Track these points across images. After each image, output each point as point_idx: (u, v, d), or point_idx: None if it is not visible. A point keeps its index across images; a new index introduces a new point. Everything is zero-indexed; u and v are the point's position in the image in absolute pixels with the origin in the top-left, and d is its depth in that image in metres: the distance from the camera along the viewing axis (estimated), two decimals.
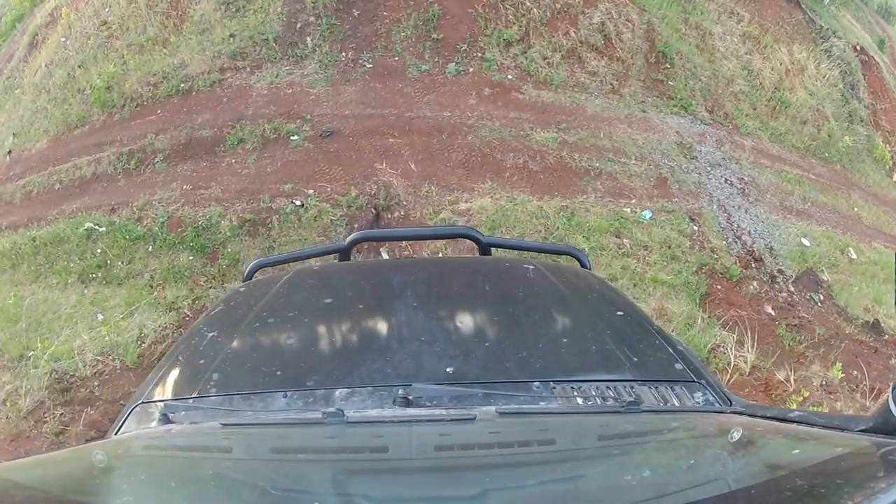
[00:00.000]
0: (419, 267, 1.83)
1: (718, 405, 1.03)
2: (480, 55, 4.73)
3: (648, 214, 4.48)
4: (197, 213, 4.23)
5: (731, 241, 4.65)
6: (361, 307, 1.40)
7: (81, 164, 4.93)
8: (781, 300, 4.41)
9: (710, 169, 5.01)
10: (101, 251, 4.19)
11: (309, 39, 4.78)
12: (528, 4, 4.88)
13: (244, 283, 1.75)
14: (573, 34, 4.87)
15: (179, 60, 4.98)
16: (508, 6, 4.90)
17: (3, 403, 3.09)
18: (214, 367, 1.15)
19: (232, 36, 4.89)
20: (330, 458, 0.91)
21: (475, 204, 4.02)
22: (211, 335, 1.28)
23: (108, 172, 4.79)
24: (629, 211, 4.44)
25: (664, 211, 4.54)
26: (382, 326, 1.31)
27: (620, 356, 1.15)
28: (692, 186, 4.81)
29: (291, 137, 4.38)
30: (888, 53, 7.72)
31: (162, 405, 1.03)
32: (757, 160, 5.36)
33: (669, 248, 4.31)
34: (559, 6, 4.94)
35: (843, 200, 5.73)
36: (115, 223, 4.28)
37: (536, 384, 1.06)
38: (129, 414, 1.09)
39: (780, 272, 4.65)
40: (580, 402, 1.02)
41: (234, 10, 5.00)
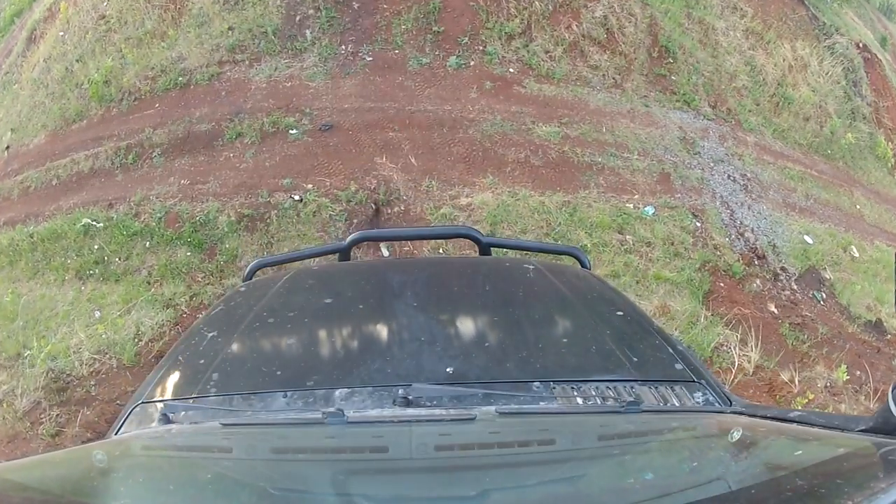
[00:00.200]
0: (419, 267, 1.80)
1: (718, 405, 1.02)
2: (482, 48, 4.61)
3: (651, 210, 4.38)
4: (195, 208, 4.13)
5: (733, 238, 4.56)
6: (361, 307, 1.38)
7: (79, 159, 4.83)
8: (784, 298, 4.32)
9: (712, 165, 4.91)
10: (98, 247, 4.10)
11: (308, 32, 4.66)
12: None
13: (244, 283, 1.72)
14: (575, 28, 4.76)
15: (177, 54, 4.87)
16: None
17: None
18: (214, 367, 1.14)
19: (230, 29, 4.78)
20: (330, 458, 0.89)
21: (476, 199, 3.91)
22: (211, 335, 1.26)
23: (105, 167, 4.69)
24: (632, 207, 4.33)
25: (667, 207, 4.43)
26: (382, 326, 1.29)
27: (620, 356, 1.13)
28: (695, 182, 4.70)
29: (290, 131, 4.27)
30: (890, 51, 7.60)
31: (162, 405, 1.02)
32: (760, 156, 5.25)
33: (672, 244, 4.21)
34: None
35: (845, 198, 5.64)
36: (112, 219, 4.18)
37: (536, 384, 1.04)
38: (128, 414, 1.07)
39: (782, 270, 4.56)
40: (580, 402, 1.01)
41: (232, 2, 4.88)
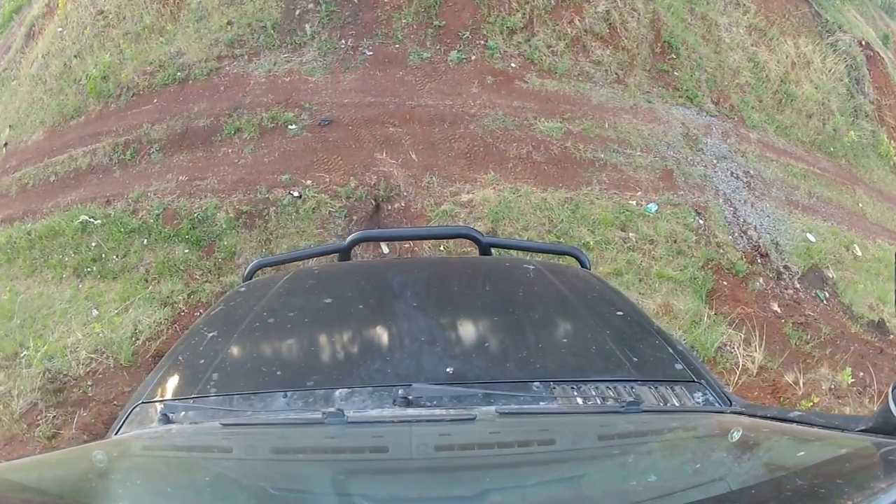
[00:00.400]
0: (419, 267, 1.77)
1: (718, 405, 1.01)
2: (483, 43, 4.49)
3: (654, 207, 4.27)
4: (193, 204, 4.03)
5: (737, 235, 4.46)
6: (361, 307, 1.36)
7: (77, 155, 4.73)
8: (787, 297, 4.23)
9: (715, 162, 4.80)
10: (96, 244, 4.00)
11: (308, 27, 4.55)
12: None
13: (244, 283, 1.70)
14: (577, 22, 4.64)
15: (176, 49, 4.76)
16: None
17: None
18: (214, 367, 1.12)
19: (230, 23, 4.67)
20: (330, 458, 0.88)
21: (478, 195, 3.81)
22: (211, 335, 1.24)
23: (103, 164, 4.58)
24: (635, 204, 4.23)
25: (670, 204, 4.33)
26: (382, 326, 1.27)
27: (620, 356, 1.12)
28: (698, 179, 4.60)
29: (289, 126, 4.16)
30: (892, 49, 7.48)
31: (162, 405, 1.01)
32: (763, 153, 5.14)
33: (675, 242, 4.11)
34: None
35: (847, 196, 5.53)
36: (110, 216, 4.09)
37: (536, 384, 1.03)
38: (128, 414, 1.06)
39: (785, 268, 4.46)
40: (580, 402, 1.00)
41: None
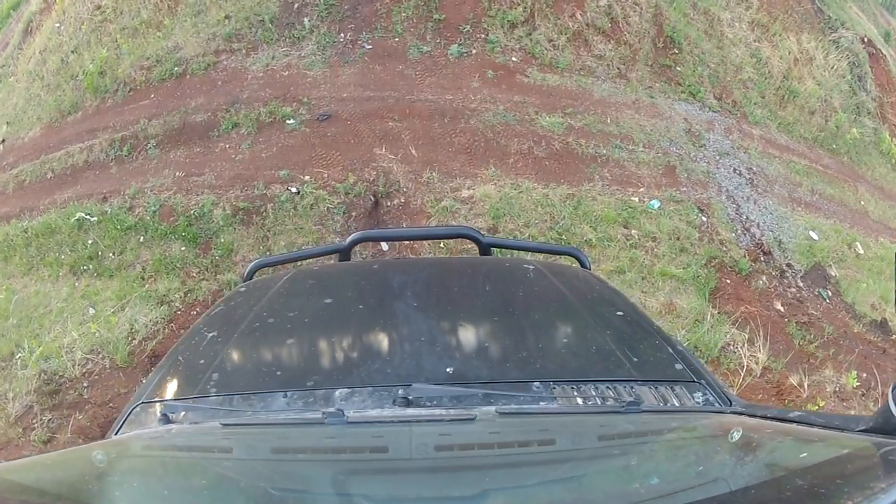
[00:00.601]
0: (419, 267, 1.75)
1: (718, 405, 1.00)
2: (484, 36, 4.36)
3: (657, 204, 4.15)
4: (189, 200, 3.91)
5: (739, 233, 4.34)
6: (361, 307, 1.34)
7: (73, 151, 4.61)
8: (790, 296, 4.12)
9: (718, 158, 4.68)
10: (92, 242, 3.88)
11: (306, 20, 4.42)
12: None
13: (244, 283, 1.68)
14: (579, 16, 4.51)
15: (173, 43, 4.63)
16: None
17: None
18: (214, 367, 1.11)
19: (227, 17, 4.54)
20: (330, 458, 0.87)
21: (478, 191, 3.68)
22: (211, 335, 1.23)
23: (100, 160, 4.46)
24: (637, 200, 4.10)
25: (673, 201, 4.21)
26: (382, 327, 1.25)
27: (620, 356, 1.10)
28: (701, 176, 4.47)
29: (287, 121, 4.03)
30: (894, 46, 7.34)
31: (162, 405, 1.00)
32: (765, 150, 5.02)
33: (678, 239, 3.99)
34: None
35: (850, 193, 5.41)
36: (106, 213, 3.97)
37: (536, 384, 1.02)
38: (128, 414, 1.05)
39: (788, 266, 4.34)
40: (580, 402, 0.98)
41: None
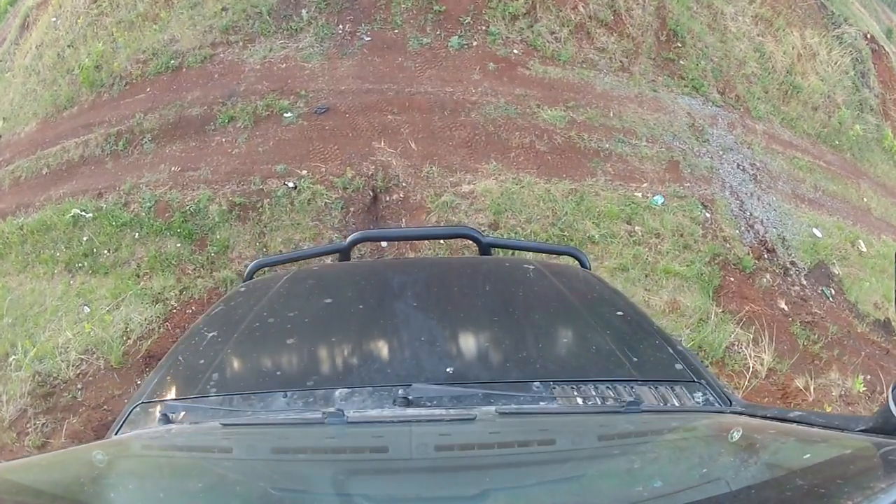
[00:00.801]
0: (419, 267, 1.71)
1: (718, 405, 0.98)
2: (485, 28, 4.20)
3: (660, 200, 4.01)
4: (185, 196, 3.76)
5: (743, 229, 4.20)
6: (361, 307, 1.31)
7: (69, 146, 4.46)
8: (794, 294, 3.98)
9: (722, 153, 4.53)
10: (87, 239, 3.74)
11: (304, 12, 4.25)
12: None
13: (244, 283, 1.65)
14: (581, 9, 4.35)
15: (170, 36, 4.47)
16: None
17: None
18: (214, 367, 1.10)
19: (224, 9, 4.37)
20: (330, 458, 0.86)
21: (479, 186, 3.53)
22: (211, 335, 1.21)
23: (95, 155, 4.31)
24: (640, 196, 3.96)
25: (676, 196, 4.06)
26: (382, 326, 1.22)
27: (620, 356, 1.09)
28: (704, 171, 4.32)
29: (284, 115, 3.88)
30: None
31: (162, 405, 0.99)
32: (769, 145, 4.87)
33: (682, 236, 3.85)
34: None
35: (852, 190, 5.26)
36: (101, 209, 3.83)
37: (536, 384, 1.01)
38: (128, 414, 1.03)
39: (792, 264, 4.20)
40: (580, 402, 0.97)
41: None
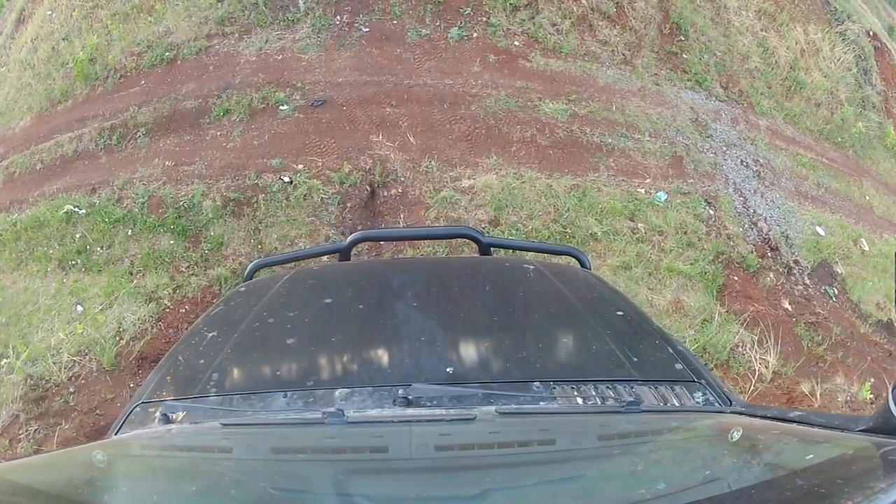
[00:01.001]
0: (419, 267, 1.67)
1: (718, 405, 0.97)
2: (485, 19, 4.01)
3: (664, 196, 3.84)
4: (179, 191, 3.60)
5: (747, 227, 4.04)
6: (361, 307, 1.29)
7: (63, 141, 4.29)
8: (798, 294, 3.84)
9: (725, 149, 4.36)
10: (80, 235, 3.59)
11: (301, 2, 4.06)
12: None
13: (244, 283, 1.62)
14: (584, 0, 4.18)
15: (164, 28, 4.29)
16: None
17: None
18: (214, 367, 1.08)
19: (220, 0, 4.21)
20: (330, 457, 0.84)
21: (479, 181, 3.36)
22: (211, 335, 1.20)
23: (89, 149, 4.14)
24: (643, 192, 3.79)
25: (679, 193, 3.90)
26: (382, 326, 1.20)
27: (620, 356, 1.07)
28: (708, 167, 4.16)
29: (280, 107, 3.70)
30: None
31: (162, 405, 0.97)
32: (772, 141, 4.70)
33: (685, 233, 3.69)
34: None
35: (855, 188, 5.10)
36: (95, 204, 3.67)
37: (536, 384, 0.99)
38: (129, 414, 1.01)
39: (795, 263, 4.05)
40: (580, 402, 0.95)
41: None
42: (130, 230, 3.58)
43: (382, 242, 3.23)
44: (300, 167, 3.51)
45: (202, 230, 3.47)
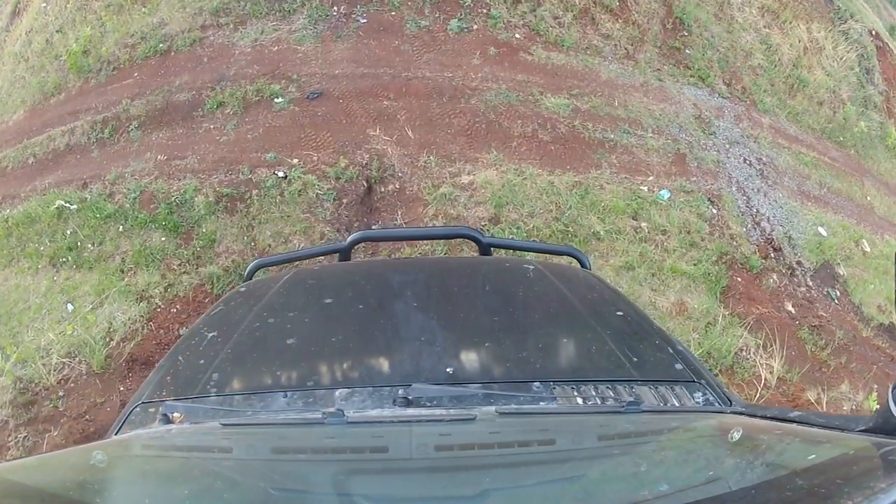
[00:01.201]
0: (419, 267, 1.64)
1: (718, 405, 0.94)
2: (485, 11, 3.81)
3: (667, 194, 3.66)
4: (171, 186, 3.42)
5: (750, 227, 3.87)
6: (361, 307, 1.26)
7: (55, 134, 4.10)
8: (800, 295, 3.68)
9: (728, 147, 4.18)
10: (71, 231, 3.41)
11: None
12: None
13: (244, 283, 1.59)
14: None
15: (159, 19, 4.08)
16: None
17: None
18: (214, 367, 1.05)
19: None
20: (330, 458, 0.82)
21: (479, 177, 3.18)
22: (211, 335, 1.17)
23: (81, 143, 3.96)
24: (646, 190, 3.61)
25: (683, 191, 3.72)
26: (382, 326, 1.17)
27: (620, 356, 1.04)
28: (711, 165, 3.98)
29: (275, 100, 3.50)
30: None
31: (162, 405, 0.95)
32: (775, 140, 4.52)
33: (689, 233, 3.52)
34: None
35: (856, 188, 4.93)
36: (86, 200, 3.49)
37: (536, 384, 0.97)
38: (129, 414, 0.99)
39: (798, 264, 3.89)
40: (580, 402, 0.93)
41: None
42: (122, 226, 3.40)
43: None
44: (295, 162, 3.32)
45: (194, 227, 3.29)
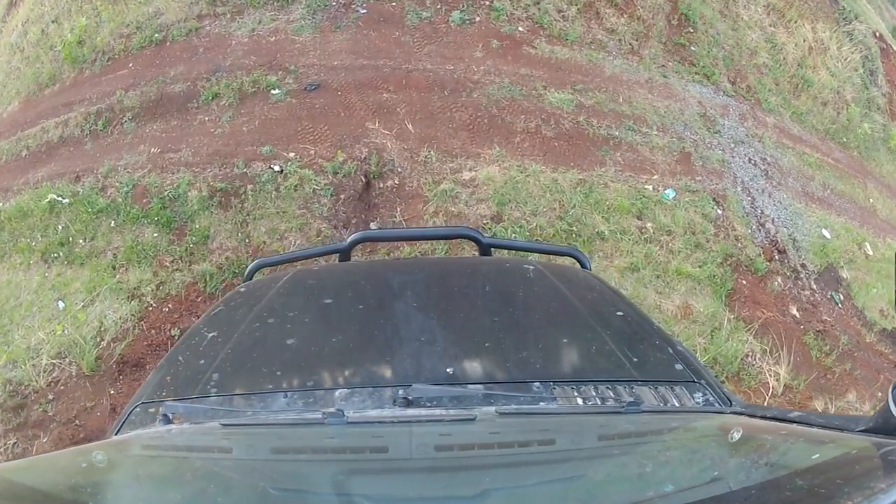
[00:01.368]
0: (419, 267, 1.59)
1: (718, 405, 0.93)
2: (488, 3, 3.63)
3: (672, 194, 3.50)
4: (164, 180, 3.25)
5: (754, 228, 3.71)
6: (361, 307, 1.22)
7: (49, 126, 3.92)
8: (805, 300, 3.53)
9: (733, 146, 4.01)
10: (63, 226, 3.25)
11: None
12: None
13: (244, 283, 1.56)
14: None
15: (154, 9, 3.90)
16: None
17: None
18: (214, 367, 1.04)
19: None
20: (330, 458, 0.81)
21: (481, 173, 3.01)
22: (211, 335, 1.15)
23: (74, 135, 3.78)
24: (651, 189, 3.45)
25: (688, 191, 3.56)
26: (382, 327, 1.13)
27: (620, 357, 1.03)
28: (716, 164, 3.82)
29: (272, 91, 3.33)
30: None
31: (162, 405, 0.92)
32: (779, 140, 4.36)
33: (694, 234, 3.36)
34: None
35: (859, 190, 4.78)
36: (78, 193, 3.33)
37: (536, 384, 0.95)
38: (129, 414, 0.97)
39: (802, 266, 3.74)
40: (580, 402, 0.92)
41: None
42: (114, 221, 3.24)
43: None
44: (291, 155, 3.15)
45: (187, 222, 3.13)
